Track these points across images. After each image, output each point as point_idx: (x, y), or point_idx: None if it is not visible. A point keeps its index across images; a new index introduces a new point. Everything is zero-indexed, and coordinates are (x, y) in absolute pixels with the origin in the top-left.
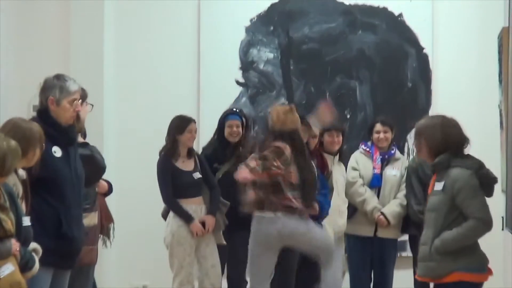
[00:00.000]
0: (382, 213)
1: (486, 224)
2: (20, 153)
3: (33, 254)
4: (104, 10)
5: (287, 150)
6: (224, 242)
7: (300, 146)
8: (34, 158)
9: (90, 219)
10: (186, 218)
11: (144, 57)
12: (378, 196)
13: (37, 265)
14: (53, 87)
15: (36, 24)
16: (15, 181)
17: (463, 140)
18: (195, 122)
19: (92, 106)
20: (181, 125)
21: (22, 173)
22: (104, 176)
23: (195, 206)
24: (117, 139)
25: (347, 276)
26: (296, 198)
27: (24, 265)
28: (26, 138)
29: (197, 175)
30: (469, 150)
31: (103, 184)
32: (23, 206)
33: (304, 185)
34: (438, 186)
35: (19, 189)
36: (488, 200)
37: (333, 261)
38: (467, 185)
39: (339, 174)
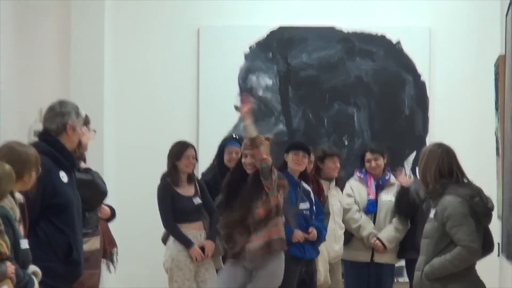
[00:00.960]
0: (378, 238)
1: (471, 253)
2: (14, 176)
3: (33, 276)
4: (105, 37)
5: None
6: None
7: None
8: (31, 181)
9: (92, 243)
10: (186, 243)
11: (144, 83)
12: (374, 222)
13: (36, 287)
14: (71, 112)
15: (37, 53)
16: (12, 205)
17: (458, 169)
18: (193, 148)
19: (95, 132)
20: (178, 151)
21: (19, 196)
22: (105, 201)
23: (195, 231)
24: (117, 165)
25: None
26: None
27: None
28: (22, 162)
29: (197, 200)
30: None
31: (105, 209)
32: (21, 229)
33: None
34: (432, 213)
35: (16, 213)
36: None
37: None
38: (455, 213)
39: (335, 200)
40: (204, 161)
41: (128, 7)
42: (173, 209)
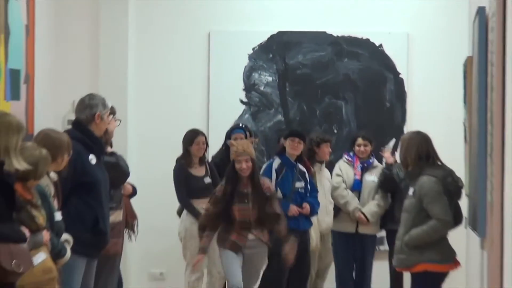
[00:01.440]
0: (362, 213)
1: (445, 225)
2: (50, 159)
3: (65, 244)
4: (129, 39)
5: None
6: None
7: None
8: (63, 163)
9: (116, 216)
10: (197, 215)
11: (162, 79)
12: (358, 198)
13: (68, 253)
14: (98, 104)
15: (70, 52)
16: (48, 182)
17: (434, 153)
18: (203, 135)
19: (120, 121)
20: (190, 138)
21: (53, 175)
22: (128, 180)
23: (205, 205)
24: (139, 149)
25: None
26: None
27: (57, 254)
28: (56, 146)
29: (207, 179)
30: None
31: (128, 187)
32: (55, 204)
33: None
34: (411, 191)
35: (51, 189)
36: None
37: None
38: (430, 191)
39: (325, 179)
40: (214, 146)
41: (149, 13)
42: (186, 187)
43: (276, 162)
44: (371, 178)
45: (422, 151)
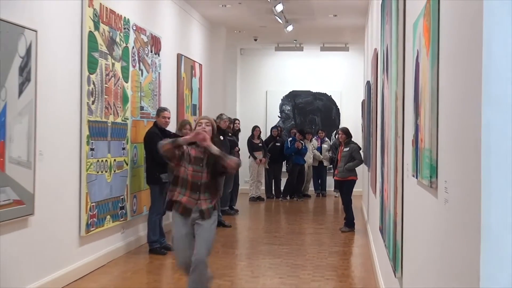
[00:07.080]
0: (323, 158)
1: (361, 161)
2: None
3: None
4: (236, 91)
5: None
6: (267, 167)
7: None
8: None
9: None
10: (254, 158)
11: (249, 109)
12: (320, 153)
13: None
14: (220, 117)
15: (214, 96)
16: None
17: (351, 135)
18: (259, 127)
19: (239, 123)
20: (253, 129)
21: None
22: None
23: (259, 154)
24: (242, 133)
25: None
26: None
27: None
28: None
29: (260, 144)
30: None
31: (236, 148)
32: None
33: None
34: (346, 149)
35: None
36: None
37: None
38: (355, 148)
39: (310, 146)
40: (267, 133)
41: (244, 80)
42: (251, 147)
43: (289, 139)
44: (325, 145)
45: (349, 134)
